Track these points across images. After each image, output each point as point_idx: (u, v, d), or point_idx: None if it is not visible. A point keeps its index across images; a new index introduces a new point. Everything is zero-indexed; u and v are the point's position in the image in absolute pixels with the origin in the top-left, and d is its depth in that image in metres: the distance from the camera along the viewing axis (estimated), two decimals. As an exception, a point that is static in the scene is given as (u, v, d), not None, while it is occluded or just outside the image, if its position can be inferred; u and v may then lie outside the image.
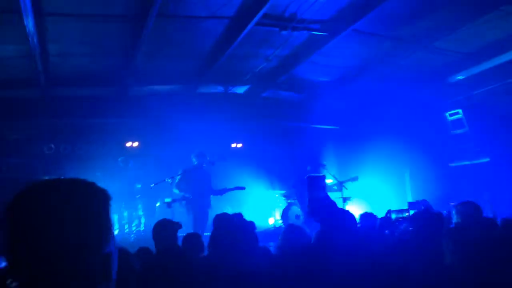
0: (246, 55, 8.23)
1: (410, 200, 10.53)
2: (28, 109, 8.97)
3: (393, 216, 4.11)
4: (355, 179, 8.37)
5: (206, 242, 3.87)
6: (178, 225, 4.06)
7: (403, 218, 4.20)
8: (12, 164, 8.17)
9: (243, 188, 8.78)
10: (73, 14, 6.27)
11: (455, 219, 3.92)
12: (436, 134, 10.29)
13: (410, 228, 3.37)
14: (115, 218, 8.50)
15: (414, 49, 8.10)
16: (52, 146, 9.13)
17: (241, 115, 10.42)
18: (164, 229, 3.89)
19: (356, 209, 9.97)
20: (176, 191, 8.27)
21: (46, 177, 8.36)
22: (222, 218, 4.11)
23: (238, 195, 10.36)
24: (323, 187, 6.24)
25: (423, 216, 2.96)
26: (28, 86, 8.54)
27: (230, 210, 8.36)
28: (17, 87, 8.58)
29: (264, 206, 11.38)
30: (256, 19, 6.41)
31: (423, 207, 5.19)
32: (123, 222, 8.87)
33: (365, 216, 4.12)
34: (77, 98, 9.30)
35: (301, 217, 9.26)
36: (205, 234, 6.75)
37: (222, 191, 8.60)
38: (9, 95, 8.80)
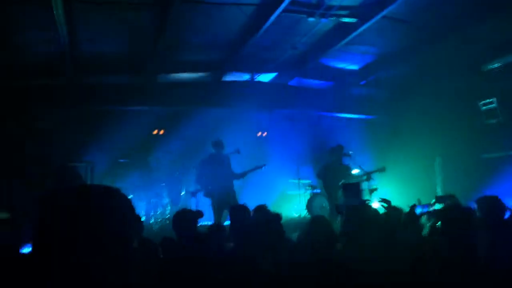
0: (272, 42, 8.10)
1: (440, 191, 10.29)
2: (54, 97, 9.08)
3: (418, 211, 3.95)
4: (382, 170, 8.13)
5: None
6: (198, 214, 4.03)
7: (429, 213, 4.05)
8: (38, 152, 8.31)
9: (264, 165, 8.64)
10: (101, 2, 6.29)
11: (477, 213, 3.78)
12: (468, 124, 9.94)
13: (437, 224, 3.24)
14: (142, 205, 8.59)
15: (448, 37, 7.81)
16: (80, 132, 9.25)
17: (267, 103, 10.31)
18: (183, 218, 3.86)
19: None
20: (198, 186, 8.27)
21: (71, 164, 8.53)
22: (239, 210, 4.06)
23: (262, 184, 10.32)
24: (358, 193, 6.29)
25: (452, 212, 2.83)
26: (56, 74, 8.66)
27: (254, 199, 8.32)
28: (45, 74, 8.71)
29: (289, 196, 11.31)
30: (283, 5, 6.28)
31: (449, 201, 5.00)
32: (149, 209, 8.95)
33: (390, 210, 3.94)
34: (103, 85, 9.38)
35: (327, 208, 9.15)
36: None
37: (243, 174, 8.52)
38: (37, 83, 8.93)
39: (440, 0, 6.57)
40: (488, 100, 9.92)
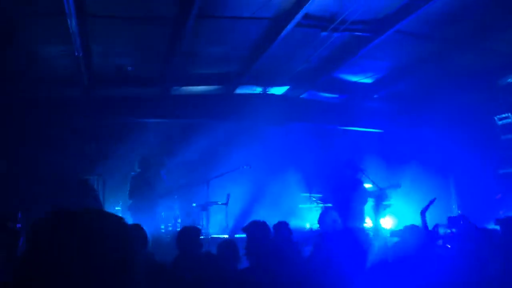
0: (285, 56, 8.10)
1: (455, 208, 10.10)
2: (70, 108, 9.18)
3: (441, 231, 3.84)
4: (397, 186, 7.92)
5: None
6: (199, 231, 4.00)
7: (451, 233, 3.94)
8: (51, 162, 8.37)
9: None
10: (116, 16, 6.36)
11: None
12: (484, 139, 9.78)
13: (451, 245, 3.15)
14: (153, 218, 8.56)
15: (462, 50, 7.73)
16: (93, 145, 9.32)
17: (279, 116, 10.27)
18: (187, 236, 3.84)
19: (392, 219, 9.63)
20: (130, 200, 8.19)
21: (84, 177, 8.55)
22: (259, 226, 3.99)
23: (274, 197, 10.24)
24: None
25: (470, 235, 2.75)
26: (72, 85, 8.75)
27: (266, 213, 8.27)
28: (61, 86, 8.82)
29: (301, 209, 11.20)
30: (296, 20, 6.28)
31: (462, 222, 4.86)
32: (159, 221, 8.93)
33: (410, 229, 3.81)
34: (118, 98, 9.47)
35: (339, 222, 9.01)
36: None
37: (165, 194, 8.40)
38: (54, 94, 9.05)
39: (454, 14, 6.50)
40: (504, 115, 9.76)
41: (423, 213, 4.37)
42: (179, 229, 8.94)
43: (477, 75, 8.67)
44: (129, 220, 8.31)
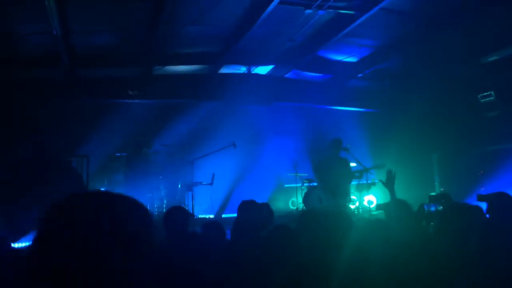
0: (269, 34, 8.01)
1: (438, 186, 10.25)
2: (52, 89, 9.00)
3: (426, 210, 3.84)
4: (381, 166, 7.92)
5: None
6: (190, 214, 3.99)
7: (436, 211, 3.95)
8: (36, 143, 8.21)
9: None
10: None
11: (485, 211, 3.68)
12: (467, 117, 9.88)
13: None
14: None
15: (446, 29, 7.72)
16: (75, 126, 9.15)
17: (264, 96, 10.22)
18: (176, 217, 3.83)
19: (375, 198, 9.74)
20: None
21: (67, 159, 8.43)
22: (248, 205, 4.00)
23: (260, 177, 10.27)
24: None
25: (453, 212, 2.76)
26: (51, 66, 8.53)
27: (252, 193, 8.30)
28: (40, 67, 8.59)
29: (286, 189, 11.26)
30: (279, -4, 6.19)
31: (443, 201, 4.89)
32: (145, 203, 8.87)
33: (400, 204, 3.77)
34: (98, 78, 9.27)
35: (324, 201, 9.08)
36: None
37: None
38: (33, 75, 8.82)
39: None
40: (486, 93, 9.85)
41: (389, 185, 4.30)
42: (165, 210, 8.97)
43: (460, 54, 8.69)
44: None
